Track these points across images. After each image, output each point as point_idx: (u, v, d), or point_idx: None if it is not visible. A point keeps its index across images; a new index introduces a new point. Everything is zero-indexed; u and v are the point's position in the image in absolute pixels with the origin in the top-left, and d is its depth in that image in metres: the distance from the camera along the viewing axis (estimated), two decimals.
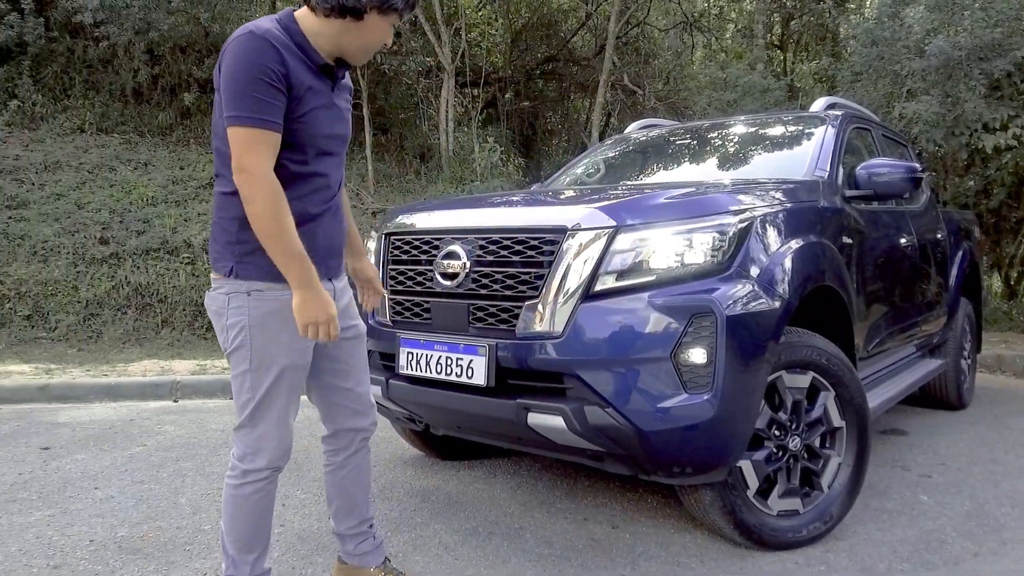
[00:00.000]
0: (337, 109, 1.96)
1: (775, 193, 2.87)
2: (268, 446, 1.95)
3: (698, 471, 2.42)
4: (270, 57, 1.74)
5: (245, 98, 1.72)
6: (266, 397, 1.91)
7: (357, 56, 1.95)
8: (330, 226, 2.00)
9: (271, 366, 1.89)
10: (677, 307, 2.32)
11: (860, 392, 2.80)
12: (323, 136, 1.90)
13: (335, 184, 2.01)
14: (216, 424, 4.45)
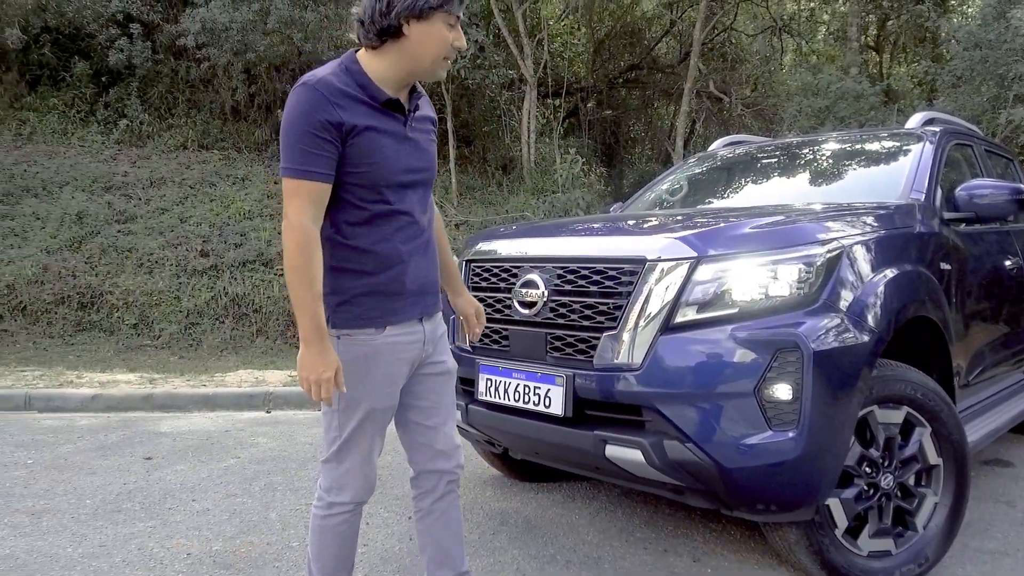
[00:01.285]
0: (412, 143, 1.92)
1: (867, 219, 2.77)
2: (352, 483, 1.99)
3: (783, 509, 2.35)
4: (319, 108, 1.73)
5: (292, 150, 1.75)
6: (351, 437, 1.94)
7: (430, 70, 1.87)
8: (422, 264, 1.97)
9: (357, 408, 1.92)
10: (761, 341, 2.26)
11: (958, 428, 2.66)
12: (399, 172, 1.87)
13: (422, 220, 1.97)
14: (305, 437, 4.60)
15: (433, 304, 2.05)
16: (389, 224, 1.88)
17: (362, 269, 1.87)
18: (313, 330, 1.77)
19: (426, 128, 2.02)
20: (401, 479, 3.76)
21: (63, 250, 9.96)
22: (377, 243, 1.86)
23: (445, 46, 1.84)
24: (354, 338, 1.89)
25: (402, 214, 1.90)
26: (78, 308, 9.43)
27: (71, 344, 9.02)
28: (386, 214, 1.87)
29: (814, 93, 10.72)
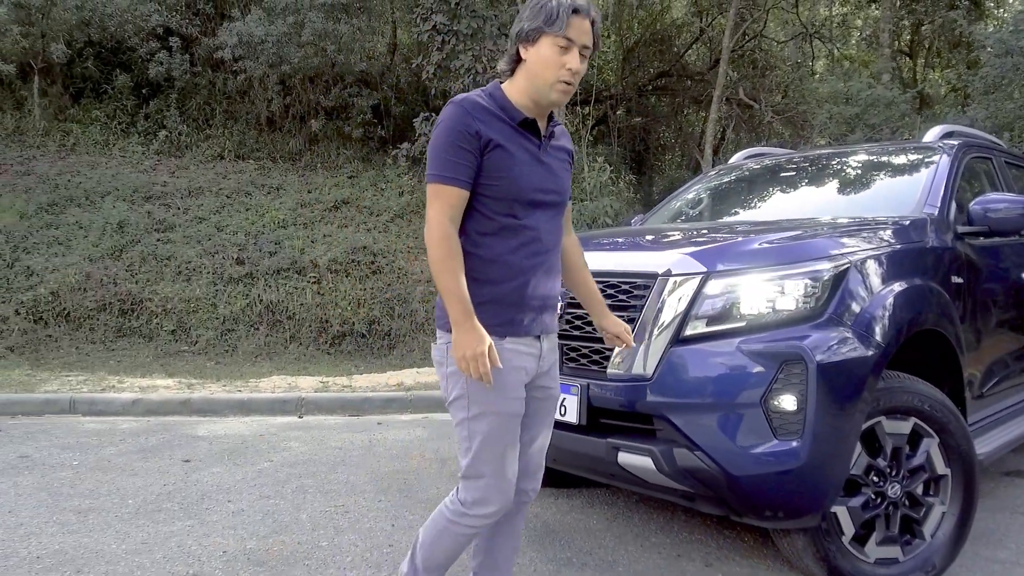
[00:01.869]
0: (546, 166, 2.03)
1: (878, 233, 2.84)
2: (494, 498, 2.03)
3: (789, 516, 2.44)
4: (462, 122, 1.90)
5: (436, 159, 1.91)
6: (484, 444, 1.99)
7: (548, 95, 1.96)
8: (544, 281, 2.05)
9: (488, 413, 1.98)
10: (768, 353, 2.36)
11: (967, 439, 2.72)
12: (529, 190, 1.98)
13: (548, 239, 2.04)
14: (335, 442, 4.76)
15: (551, 323, 2.12)
16: (515, 238, 1.99)
17: (487, 278, 1.97)
18: (462, 312, 1.88)
19: (561, 156, 2.13)
20: (429, 483, 3.89)
21: (104, 258, 10.29)
22: (502, 254, 1.97)
23: (557, 68, 1.93)
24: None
25: (528, 230, 2.00)
26: (119, 315, 9.72)
27: (112, 349, 9.31)
28: (513, 228, 1.98)
29: (845, 100, 10.68)
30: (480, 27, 12.04)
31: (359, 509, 3.47)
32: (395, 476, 4.00)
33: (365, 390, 6.22)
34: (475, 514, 2.04)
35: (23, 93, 13.25)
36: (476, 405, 1.98)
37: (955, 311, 2.92)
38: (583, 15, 1.92)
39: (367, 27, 13.64)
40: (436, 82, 12.93)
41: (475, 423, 1.99)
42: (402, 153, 12.73)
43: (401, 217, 12.52)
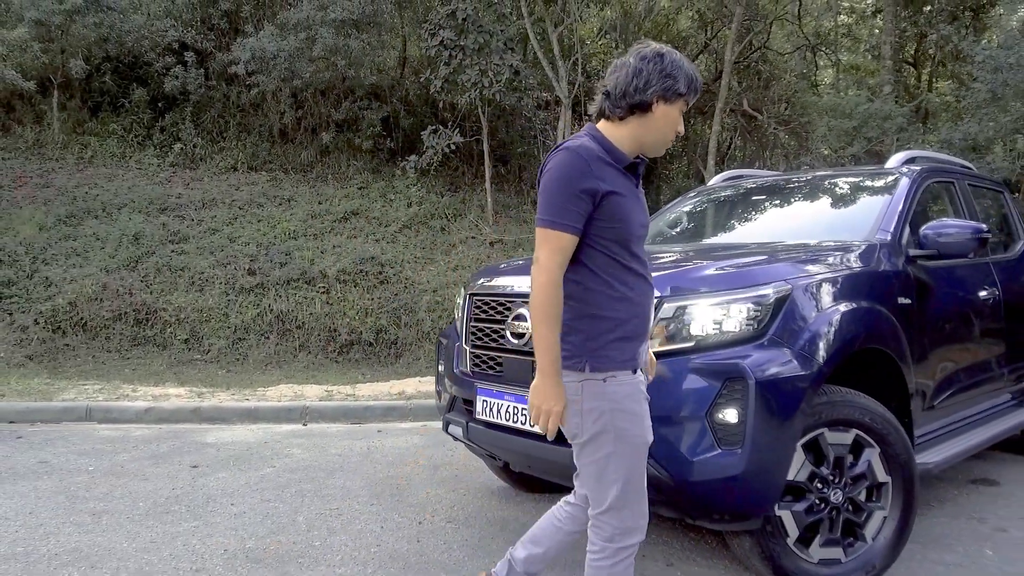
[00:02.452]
0: (640, 201, 2.14)
1: (828, 259, 3.08)
2: (639, 524, 2.12)
3: (735, 519, 2.67)
4: (580, 171, 1.97)
5: (551, 204, 1.97)
6: (631, 475, 2.07)
7: (655, 147, 2.11)
8: (649, 314, 2.16)
9: (634, 445, 2.07)
10: (712, 371, 2.59)
11: (906, 449, 2.94)
12: (637, 227, 2.08)
13: (648, 271, 2.16)
14: (335, 449, 5.02)
15: (644, 354, 2.20)
16: (632, 274, 2.09)
17: (616, 315, 2.04)
18: (551, 363, 1.98)
19: (641, 189, 2.25)
20: (419, 488, 4.15)
21: (120, 269, 10.63)
22: (626, 292, 2.06)
23: (675, 128, 2.09)
24: (619, 379, 2.05)
25: (640, 265, 2.12)
26: (134, 324, 10.05)
27: (127, 358, 9.63)
28: (630, 266, 2.08)
29: (843, 114, 10.87)
30: (486, 42, 12.32)
31: (352, 512, 3.73)
32: (388, 481, 4.26)
33: (367, 399, 6.49)
34: (627, 544, 2.12)
35: (43, 107, 13.66)
36: (621, 440, 2.05)
37: (900, 330, 3.14)
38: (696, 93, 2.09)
39: (377, 42, 13.95)
40: (444, 95, 13.22)
41: (623, 456, 2.05)
42: (410, 165, 13.02)
43: (409, 228, 12.81)
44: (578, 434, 2.09)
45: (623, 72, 2.04)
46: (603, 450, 2.06)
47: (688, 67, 2.04)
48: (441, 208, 13.45)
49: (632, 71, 2.02)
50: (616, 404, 2.04)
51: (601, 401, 2.04)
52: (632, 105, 2.02)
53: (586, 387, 2.04)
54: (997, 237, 4.59)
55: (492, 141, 13.76)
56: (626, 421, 2.05)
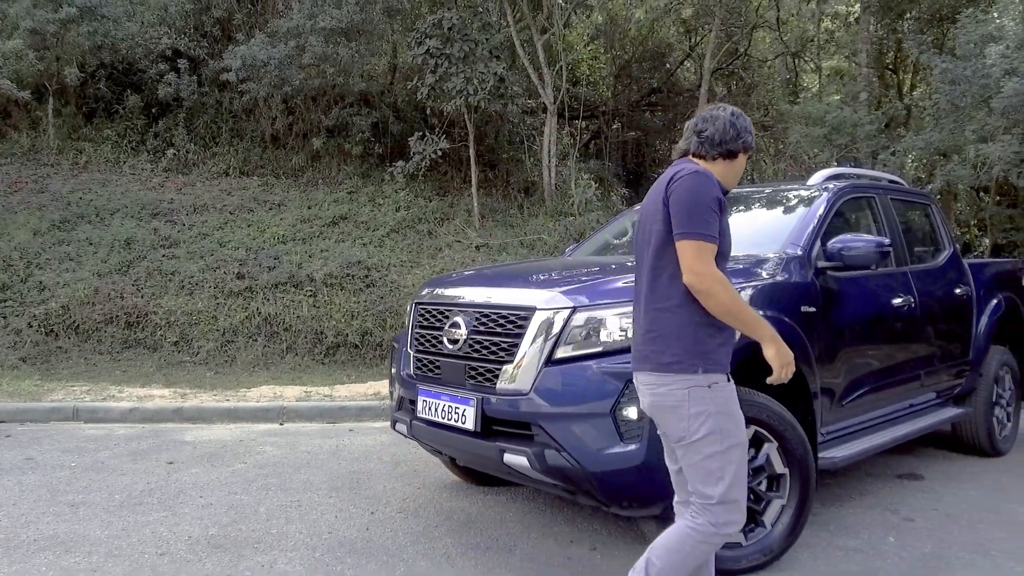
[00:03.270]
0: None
1: (737, 269, 3.38)
2: (740, 516, 2.38)
3: (641, 505, 2.99)
4: (715, 190, 2.31)
5: (699, 219, 2.25)
6: (739, 471, 2.33)
7: (730, 185, 2.49)
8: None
9: (737, 443, 2.33)
10: (616, 373, 2.90)
11: (802, 445, 3.24)
12: (728, 243, 2.43)
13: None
14: (306, 447, 5.33)
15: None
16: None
17: (720, 324, 2.33)
18: (771, 329, 2.38)
19: None
20: (377, 482, 4.45)
21: (113, 273, 10.91)
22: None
23: (741, 172, 2.54)
24: (720, 385, 2.34)
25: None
26: (125, 327, 10.32)
27: (118, 360, 9.92)
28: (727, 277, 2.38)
29: (815, 121, 11.15)
30: (472, 50, 12.61)
31: (310, 503, 4.04)
32: (350, 476, 4.57)
33: (343, 399, 6.80)
34: (725, 533, 2.35)
35: (38, 114, 13.95)
36: (728, 438, 2.30)
37: (803, 336, 3.43)
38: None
39: (366, 49, 14.23)
40: (431, 102, 13.51)
41: (728, 454, 2.30)
42: (398, 170, 13.31)
43: (396, 232, 13.09)
44: (684, 437, 2.32)
45: (719, 124, 2.43)
46: (710, 449, 2.29)
47: (751, 127, 2.49)
48: (428, 212, 13.73)
49: (727, 124, 2.43)
50: (720, 407, 2.31)
51: (707, 405, 2.29)
52: (725, 151, 2.43)
53: (693, 393, 2.29)
54: (924, 247, 4.89)
55: (480, 147, 14.06)
56: (729, 423, 2.33)
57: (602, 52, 17.02)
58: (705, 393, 2.29)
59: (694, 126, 2.47)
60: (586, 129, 17.38)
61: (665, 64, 16.66)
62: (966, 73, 8.18)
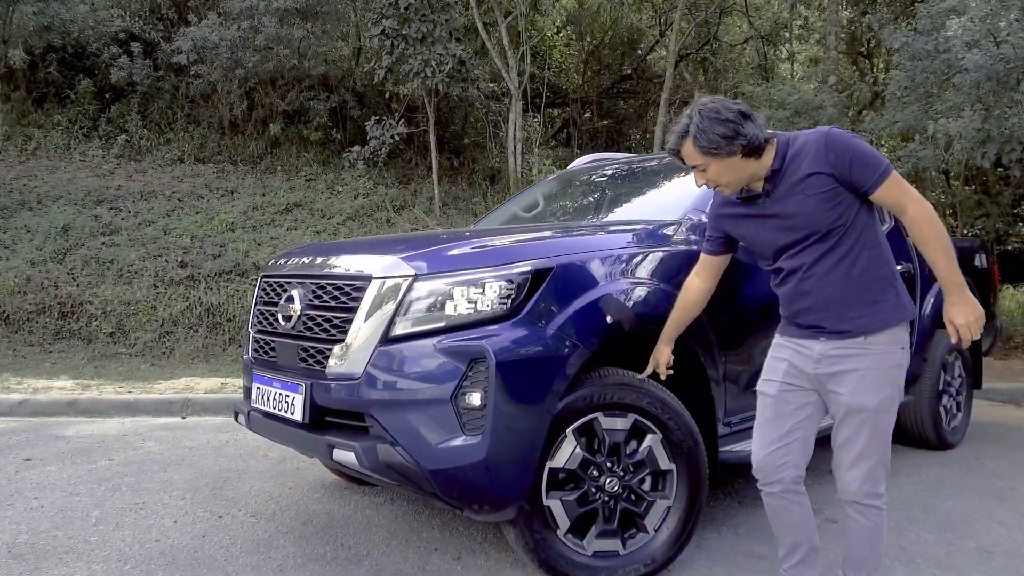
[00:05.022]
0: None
1: (619, 236, 2.93)
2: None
3: (492, 508, 2.53)
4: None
5: (877, 154, 2.18)
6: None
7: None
8: None
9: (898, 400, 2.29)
10: (459, 352, 2.44)
11: (691, 436, 2.79)
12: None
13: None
14: (191, 442, 4.86)
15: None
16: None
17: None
18: (962, 281, 2.19)
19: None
20: (245, 482, 3.99)
21: (47, 262, 10.40)
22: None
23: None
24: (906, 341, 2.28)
25: None
26: (58, 317, 9.82)
27: (48, 352, 9.42)
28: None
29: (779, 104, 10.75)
30: (430, 31, 12.14)
31: (155, 506, 3.57)
32: (220, 475, 4.10)
33: None
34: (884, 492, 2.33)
35: None
36: (897, 400, 2.29)
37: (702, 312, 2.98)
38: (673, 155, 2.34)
39: (322, 31, 13.74)
40: (388, 85, 13.04)
41: (893, 416, 2.29)
42: (354, 156, 12.84)
43: (353, 219, 12.60)
44: (884, 398, 2.23)
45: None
46: (890, 413, 2.27)
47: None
48: (388, 200, 13.25)
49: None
50: (904, 368, 2.28)
51: (903, 366, 2.27)
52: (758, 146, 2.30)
53: (904, 354, 2.26)
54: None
55: (444, 133, 13.60)
56: (902, 382, 2.30)
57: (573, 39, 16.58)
58: (903, 354, 2.27)
59: (731, 134, 2.19)
60: (557, 117, 16.92)
61: (636, 50, 16.24)
62: (927, 48, 7.75)
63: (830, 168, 2.16)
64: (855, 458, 2.28)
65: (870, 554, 2.36)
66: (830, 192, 2.16)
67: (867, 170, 2.14)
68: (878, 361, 2.22)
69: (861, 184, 2.16)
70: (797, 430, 2.35)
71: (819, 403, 2.35)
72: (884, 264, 2.27)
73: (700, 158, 2.22)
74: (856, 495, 2.31)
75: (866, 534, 2.33)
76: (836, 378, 2.27)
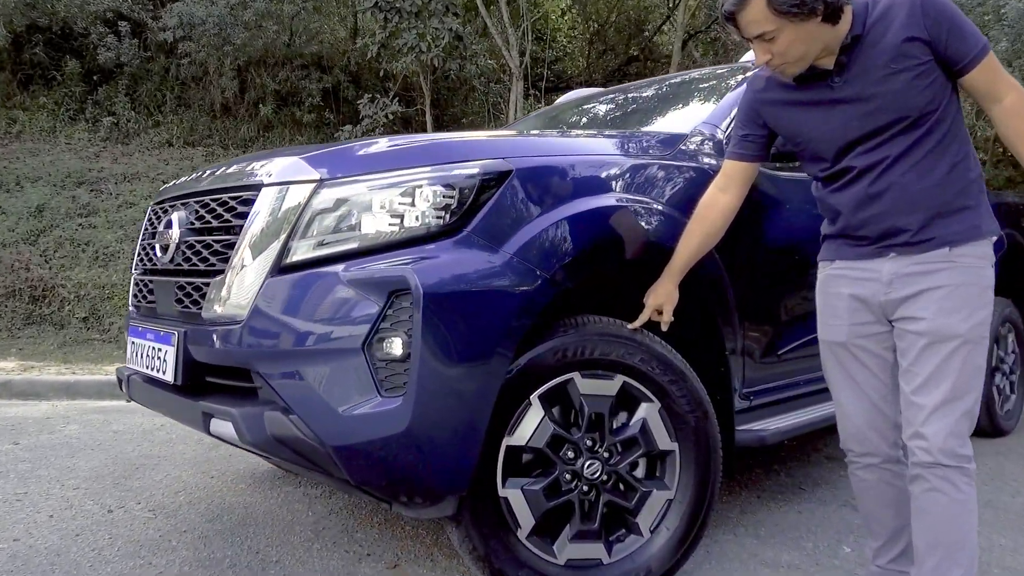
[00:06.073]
0: None
1: (605, 140, 2.24)
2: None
3: (423, 500, 1.83)
4: None
5: (974, 28, 1.71)
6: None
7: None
8: None
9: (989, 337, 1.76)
10: (373, 282, 1.75)
11: (700, 406, 2.09)
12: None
13: None
14: (120, 426, 4.20)
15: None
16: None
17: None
18: None
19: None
20: (164, 470, 3.32)
21: (19, 243, 9.84)
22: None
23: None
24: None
25: None
26: (29, 301, 9.26)
27: (17, 337, 8.83)
28: None
29: None
30: (424, 4, 11.50)
31: (37, 497, 2.91)
32: (133, 462, 3.43)
33: None
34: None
35: None
36: (986, 324, 1.73)
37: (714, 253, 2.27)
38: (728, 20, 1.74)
39: (314, 7, 13.15)
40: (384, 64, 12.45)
41: (983, 345, 1.71)
42: (345, 135, 12.22)
43: None
44: (968, 326, 1.69)
45: None
46: (984, 345, 1.72)
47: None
48: None
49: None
50: (993, 294, 1.77)
51: (992, 290, 1.77)
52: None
53: (992, 277, 1.78)
54: None
55: (442, 114, 12.96)
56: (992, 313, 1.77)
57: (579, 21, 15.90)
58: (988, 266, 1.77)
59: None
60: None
61: (643, 31, 15.55)
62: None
63: (927, 35, 1.68)
64: (940, 403, 1.67)
65: (962, 540, 1.70)
66: (925, 67, 1.69)
67: (965, 43, 1.68)
68: (968, 276, 1.71)
69: (957, 59, 1.69)
70: (889, 382, 1.83)
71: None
72: (974, 164, 1.80)
73: (772, 21, 1.66)
74: (941, 454, 1.67)
75: (956, 510, 1.69)
76: (914, 301, 1.73)
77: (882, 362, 1.84)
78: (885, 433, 1.87)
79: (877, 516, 1.93)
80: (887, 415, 1.86)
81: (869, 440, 1.87)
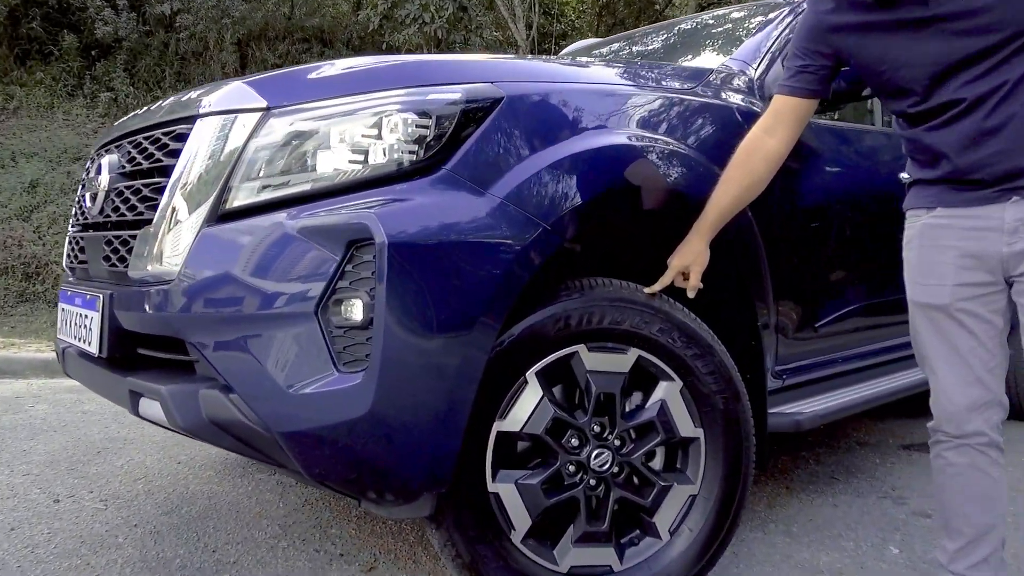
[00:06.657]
0: None
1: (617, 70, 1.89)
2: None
3: (394, 497, 1.51)
4: None
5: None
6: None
7: None
8: None
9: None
10: (329, 230, 1.41)
11: (730, 385, 1.75)
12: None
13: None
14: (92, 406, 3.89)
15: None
16: None
17: None
18: None
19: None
20: (127, 455, 3.01)
21: (12, 219, 9.61)
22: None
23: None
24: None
25: None
26: (22, 279, 9.06)
27: (10, 315, 8.61)
28: None
29: None
30: None
31: None
32: (94, 446, 3.13)
33: None
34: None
35: None
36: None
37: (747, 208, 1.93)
38: None
39: None
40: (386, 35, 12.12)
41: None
42: None
43: None
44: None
45: None
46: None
47: None
48: None
49: None
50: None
51: None
52: None
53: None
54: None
55: None
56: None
57: None
58: None
59: None
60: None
61: (654, 4, 15.12)
62: None
63: None
64: None
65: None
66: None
67: None
68: None
69: None
70: (998, 352, 1.56)
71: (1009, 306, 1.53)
72: None
73: None
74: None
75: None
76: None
77: (991, 328, 1.54)
78: (988, 413, 1.57)
79: (961, 510, 1.60)
80: (993, 391, 1.56)
81: (973, 419, 1.58)
